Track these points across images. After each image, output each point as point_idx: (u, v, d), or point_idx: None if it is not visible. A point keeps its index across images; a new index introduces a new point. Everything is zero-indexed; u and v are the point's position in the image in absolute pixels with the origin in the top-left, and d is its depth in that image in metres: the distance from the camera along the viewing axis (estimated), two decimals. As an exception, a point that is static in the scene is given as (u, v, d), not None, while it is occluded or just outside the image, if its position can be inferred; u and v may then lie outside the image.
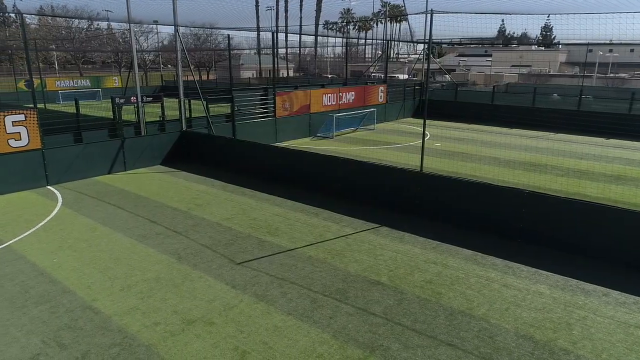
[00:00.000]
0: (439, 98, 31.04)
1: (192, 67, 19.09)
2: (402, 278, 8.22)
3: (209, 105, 19.24)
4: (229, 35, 22.09)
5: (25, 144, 13.55)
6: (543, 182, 14.16)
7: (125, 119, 17.54)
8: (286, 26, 73.95)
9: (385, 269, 8.56)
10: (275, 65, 22.41)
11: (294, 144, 20.48)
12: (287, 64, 70.04)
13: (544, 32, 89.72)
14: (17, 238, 10.04)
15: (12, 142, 13.29)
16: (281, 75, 65.20)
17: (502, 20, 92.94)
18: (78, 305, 7.29)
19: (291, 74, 73.48)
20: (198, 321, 6.86)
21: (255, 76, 65.13)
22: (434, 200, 11.15)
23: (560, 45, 66.89)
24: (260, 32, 76.31)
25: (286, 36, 73.55)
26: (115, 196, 13.11)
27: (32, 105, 14.06)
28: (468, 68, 61.78)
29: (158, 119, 18.91)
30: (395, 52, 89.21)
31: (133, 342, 6.35)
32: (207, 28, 69.10)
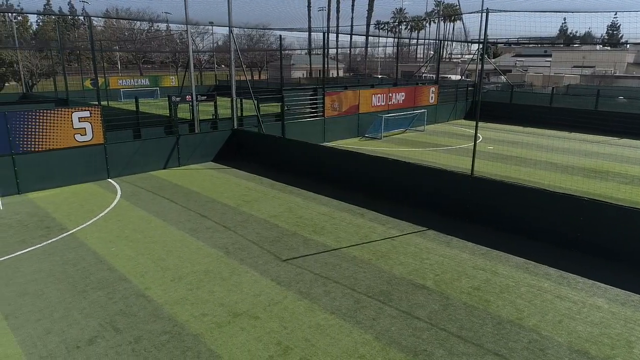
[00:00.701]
0: (493, 100, 30.02)
1: (244, 67, 19.57)
2: (448, 283, 8.03)
3: (260, 105, 19.64)
4: (280, 35, 22.47)
5: (90, 138, 14.42)
6: (605, 190, 13.36)
7: (180, 116, 18.26)
8: (337, 26, 74.12)
9: (431, 273, 8.40)
10: (325, 66, 22.53)
11: (342, 144, 20.51)
12: (337, 64, 70.23)
13: (610, 31, 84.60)
14: (80, 227, 10.71)
15: (78, 137, 14.18)
16: (331, 76, 65.44)
17: (564, 19, 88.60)
18: (132, 293, 7.68)
19: (341, 74, 73.58)
20: (243, 314, 7.04)
21: (305, 76, 65.76)
22: (485, 205, 10.81)
23: (628, 45, 62.73)
24: (312, 33, 76.92)
25: (337, 36, 73.78)
26: (169, 190, 13.68)
27: (96, 103, 14.94)
28: (525, 69, 59.28)
29: (211, 117, 19.53)
30: (448, 52, 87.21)
31: (182, 331, 6.61)
32: (260, 29, 70.57)
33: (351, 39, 76.13)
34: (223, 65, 79.52)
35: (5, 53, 41.29)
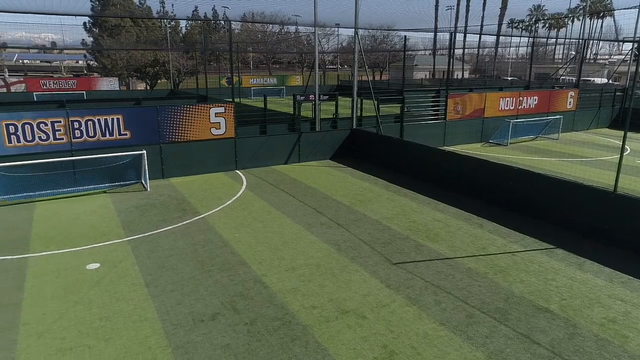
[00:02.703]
0: (647, 107, 26.12)
1: (367, 68, 19.74)
2: (577, 310, 7.22)
3: (380, 105, 19.66)
4: (405, 36, 22.21)
5: (223, 132, 15.82)
6: None
7: (303, 115, 19.10)
8: (465, 26, 70.73)
9: (557, 297, 7.63)
10: (450, 67, 21.69)
11: (463, 149, 19.60)
12: (462, 65, 67.17)
13: None
14: (210, 212, 11.82)
15: (213, 130, 15.65)
16: (455, 77, 62.81)
17: None
18: (251, 277, 8.26)
19: (466, 75, 70.23)
20: (351, 312, 7.13)
21: (427, 77, 64.11)
22: (629, 227, 9.47)
23: None
24: (437, 33, 74.57)
25: (464, 36, 70.52)
26: (288, 184, 14.41)
27: (230, 100, 16.32)
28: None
29: (332, 116, 20.08)
30: (593, 52, 77.95)
31: (292, 320, 6.93)
32: (384, 30, 70.50)
33: (480, 38, 72.07)
34: (346, 66, 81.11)
35: (159, 54, 47.10)
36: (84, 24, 52.26)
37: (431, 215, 11.63)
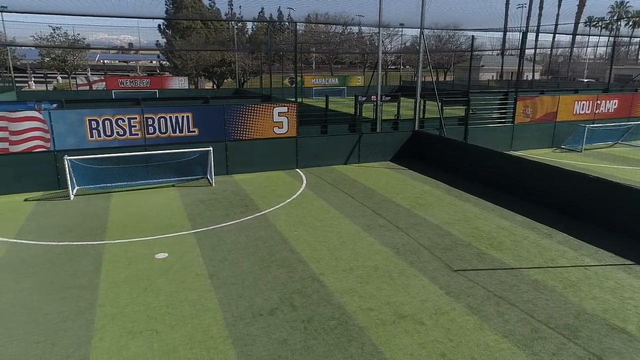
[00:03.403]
0: None
1: (431, 68, 19.30)
2: (658, 333, 6.64)
3: (443, 107, 19.16)
4: (473, 36, 21.49)
5: (285, 131, 16.13)
6: None
7: (364, 115, 19.04)
8: (538, 25, 67.11)
9: (635, 317, 7.07)
10: (520, 68, 20.71)
11: (532, 154, 18.64)
12: (533, 66, 63.88)
13: None
14: (271, 209, 12.10)
15: (276, 129, 16.00)
16: (525, 78, 59.87)
17: None
18: (309, 276, 8.36)
19: (537, 76, 66.73)
20: (409, 317, 7.02)
21: (494, 78, 61.65)
22: None
23: None
24: (507, 32, 71.40)
25: (536, 36, 66.88)
26: (347, 185, 14.43)
27: (293, 99, 16.61)
28: None
29: (393, 117, 19.86)
30: (685, 52, 71.27)
31: (349, 320, 6.94)
32: (450, 29, 68.60)
33: (554, 38, 68.04)
34: (408, 66, 79.87)
35: (226, 54, 48.87)
36: (159, 26, 55.39)
37: (495, 223, 11.18)
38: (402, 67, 76.12)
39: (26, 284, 7.99)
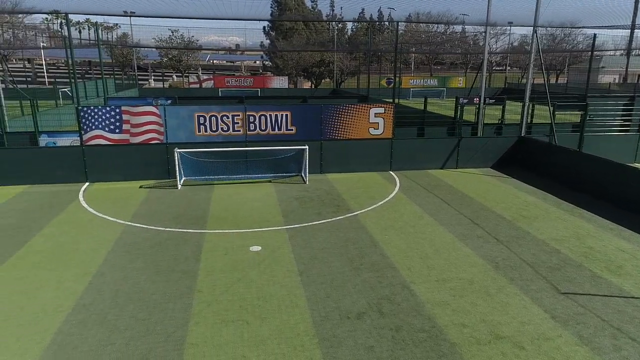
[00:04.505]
0: None
1: (544, 70, 17.76)
2: None
3: (555, 112, 17.56)
4: (594, 34, 19.41)
5: (381, 132, 15.90)
6: None
7: (464, 118, 18.12)
8: (676, 20, 58.70)
9: None
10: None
11: (662, 168, 16.34)
12: (666, 68, 56.17)
13: None
14: (362, 210, 11.99)
15: (372, 130, 15.84)
16: (655, 81, 52.83)
17: None
18: (398, 282, 8.10)
19: (671, 79, 58.53)
20: (507, 339, 6.47)
21: (617, 81, 55.35)
22: None
23: None
24: (635, 30, 63.61)
25: (673, 33, 58.63)
26: (443, 191, 13.81)
27: (391, 100, 16.31)
28: None
29: (497, 121, 18.66)
30: None
31: (439, 335, 6.58)
32: (567, 27, 62.92)
33: (695, 35, 59.22)
34: (515, 68, 74.90)
35: (325, 55, 49.74)
36: (264, 27, 58.10)
37: (614, 243, 9.94)
38: (508, 67, 71.47)
39: (137, 264, 8.75)
